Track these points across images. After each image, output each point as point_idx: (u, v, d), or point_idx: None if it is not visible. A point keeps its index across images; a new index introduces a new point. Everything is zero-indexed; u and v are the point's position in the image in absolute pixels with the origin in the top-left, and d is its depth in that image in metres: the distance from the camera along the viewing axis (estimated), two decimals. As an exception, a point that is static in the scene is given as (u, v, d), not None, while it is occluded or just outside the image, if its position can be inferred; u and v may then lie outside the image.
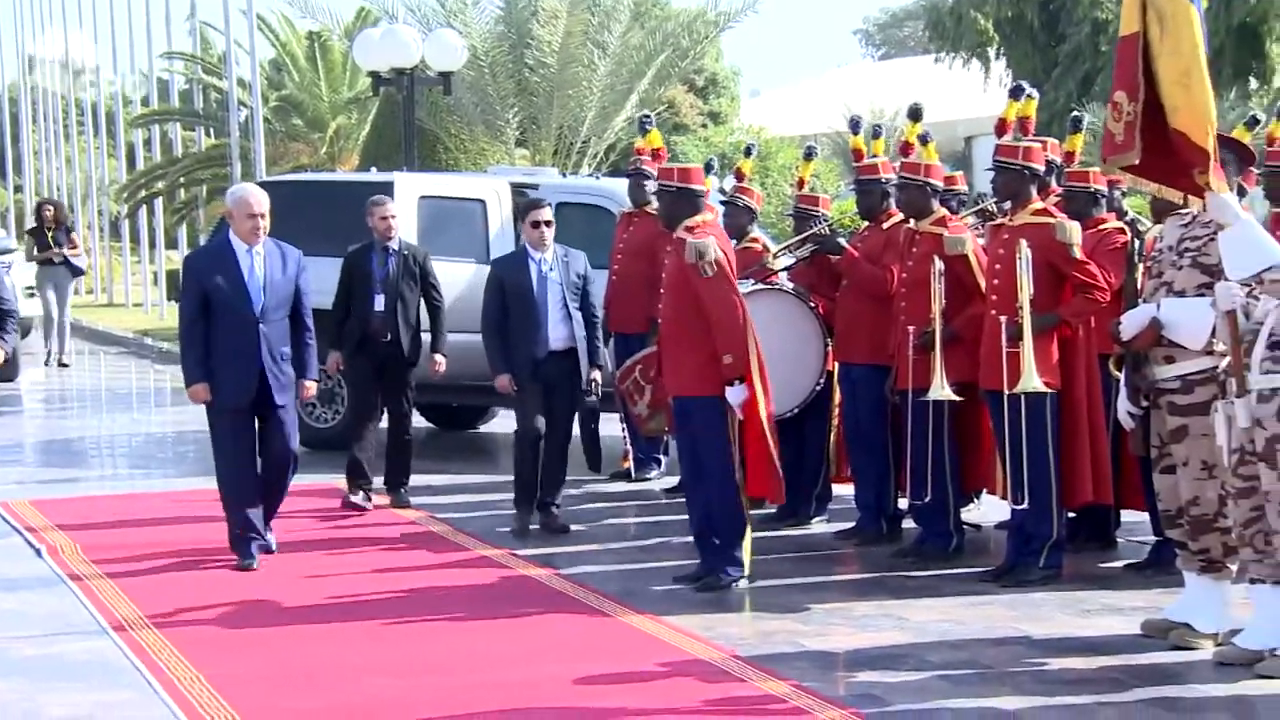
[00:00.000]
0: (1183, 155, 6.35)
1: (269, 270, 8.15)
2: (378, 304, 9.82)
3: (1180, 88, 6.38)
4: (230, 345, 8.06)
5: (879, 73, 45.54)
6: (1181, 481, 6.89)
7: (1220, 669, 6.48)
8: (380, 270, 9.90)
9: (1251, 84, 25.89)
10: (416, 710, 5.91)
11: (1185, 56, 6.38)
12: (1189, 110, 6.37)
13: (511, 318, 9.20)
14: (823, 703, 5.99)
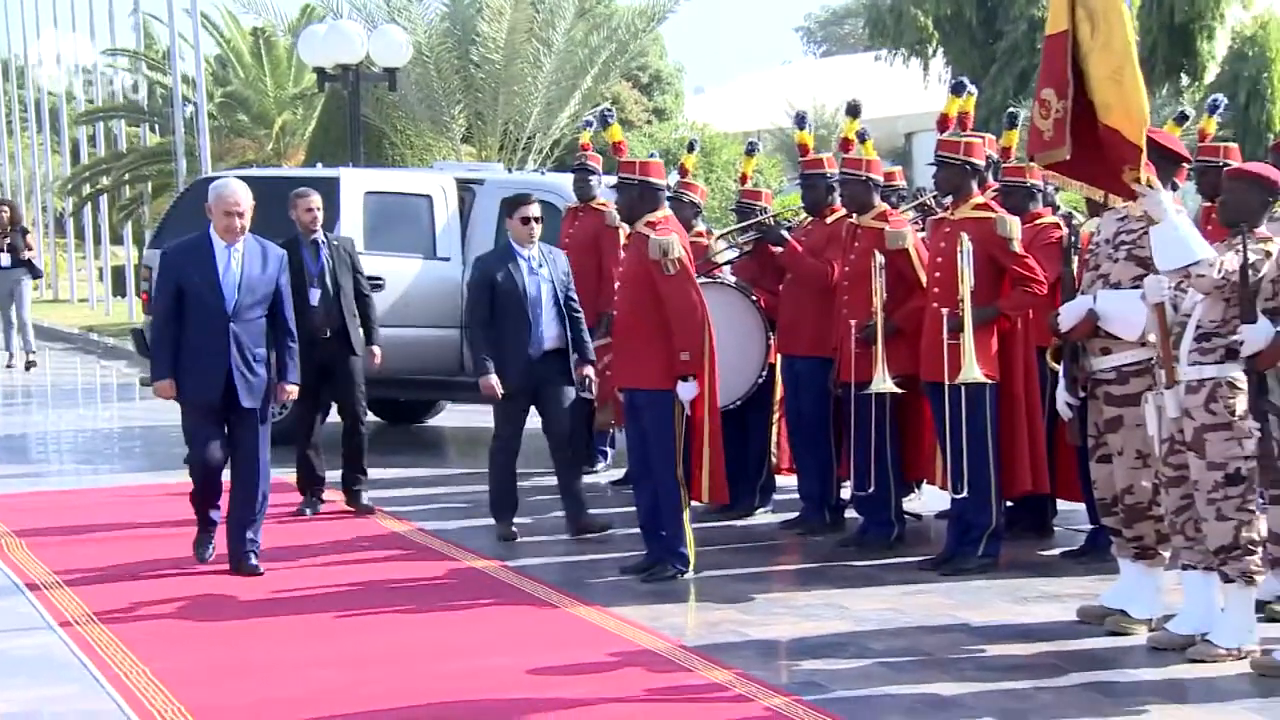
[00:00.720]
0: (1114, 152, 6.39)
1: (247, 268, 7.78)
2: (313, 298, 9.40)
3: (1113, 84, 6.42)
4: (199, 342, 7.72)
5: (821, 69, 45.72)
6: (1117, 471, 6.97)
7: (1153, 654, 6.56)
8: (314, 264, 9.51)
9: (1183, 81, 26.12)
10: (363, 702, 5.90)
11: (1117, 53, 6.43)
12: (1122, 107, 6.42)
13: (501, 318, 8.70)
14: (766, 690, 6.02)
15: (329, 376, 9.54)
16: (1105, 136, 6.42)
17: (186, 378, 7.80)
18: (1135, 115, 6.42)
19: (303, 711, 5.82)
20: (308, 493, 9.65)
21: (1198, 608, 6.64)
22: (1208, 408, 6.36)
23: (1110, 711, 5.80)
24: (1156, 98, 24.67)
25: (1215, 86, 23.48)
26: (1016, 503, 8.55)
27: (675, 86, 39.68)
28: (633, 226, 7.99)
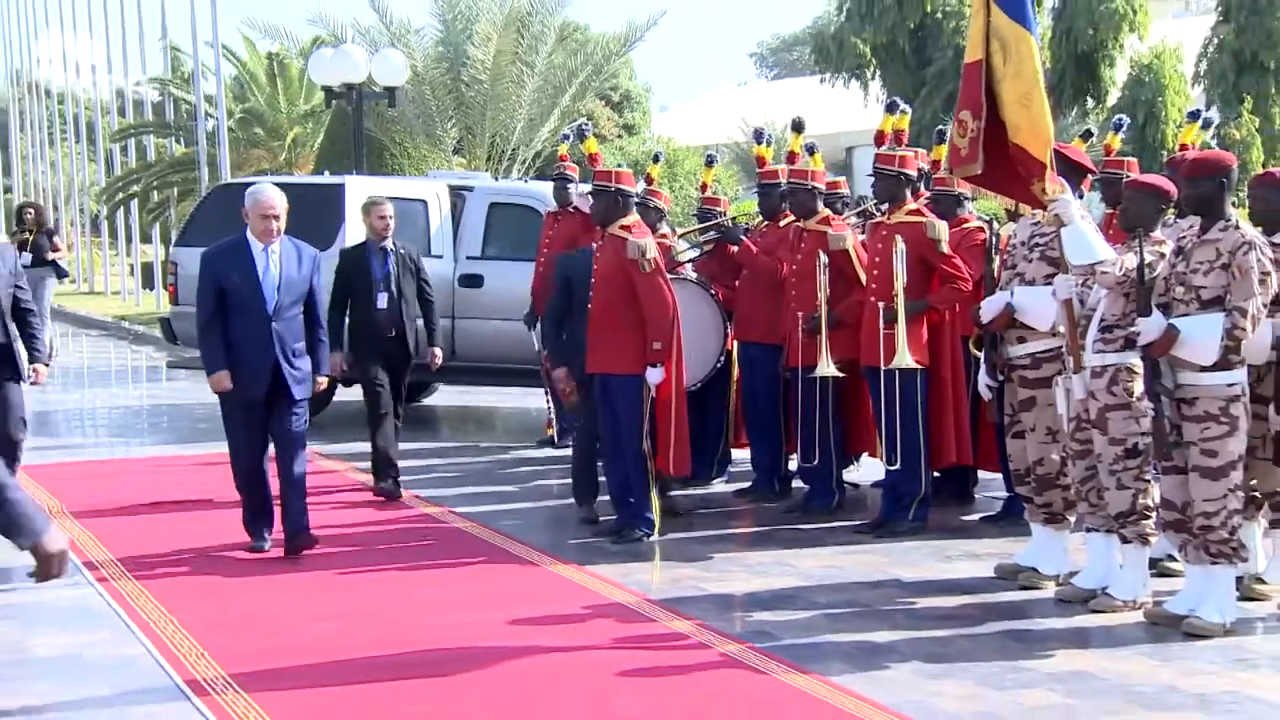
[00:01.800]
0: (1024, 167, 6.42)
1: (284, 268, 7.34)
2: (380, 301, 8.96)
3: (1021, 108, 6.44)
4: (244, 341, 7.28)
5: (772, 91, 45.69)
6: (1029, 445, 7.01)
7: (1060, 605, 6.60)
8: (381, 269, 9.02)
9: (1089, 103, 26.25)
10: (358, 649, 5.89)
11: (1026, 81, 6.45)
12: (1030, 128, 6.44)
13: (577, 314, 8.08)
14: (722, 638, 6.05)
15: (388, 372, 9.06)
16: (1016, 153, 6.44)
17: (235, 375, 7.36)
18: (1042, 135, 6.45)
19: (309, 657, 5.82)
20: (382, 476, 9.04)
21: (1099, 565, 6.69)
22: (1109, 390, 6.41)
23: (1022, 655, 5.82)
24: (1066, 118, 24.83)
25: (1117, 108, 23.64)
26: (943, 473, 8.59)
27: (643, 105, 39.63)
28: (607, 229, 7.98)
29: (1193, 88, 24.70)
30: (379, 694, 5.37)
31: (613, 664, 5.72)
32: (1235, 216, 6.19)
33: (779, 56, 65.41)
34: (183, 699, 5.33)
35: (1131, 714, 5.13)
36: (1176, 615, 6.17)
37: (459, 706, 5.23)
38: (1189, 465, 6.12)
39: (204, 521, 8.40)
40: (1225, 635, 6.04)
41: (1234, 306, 5.98)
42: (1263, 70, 24.09)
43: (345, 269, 9.15)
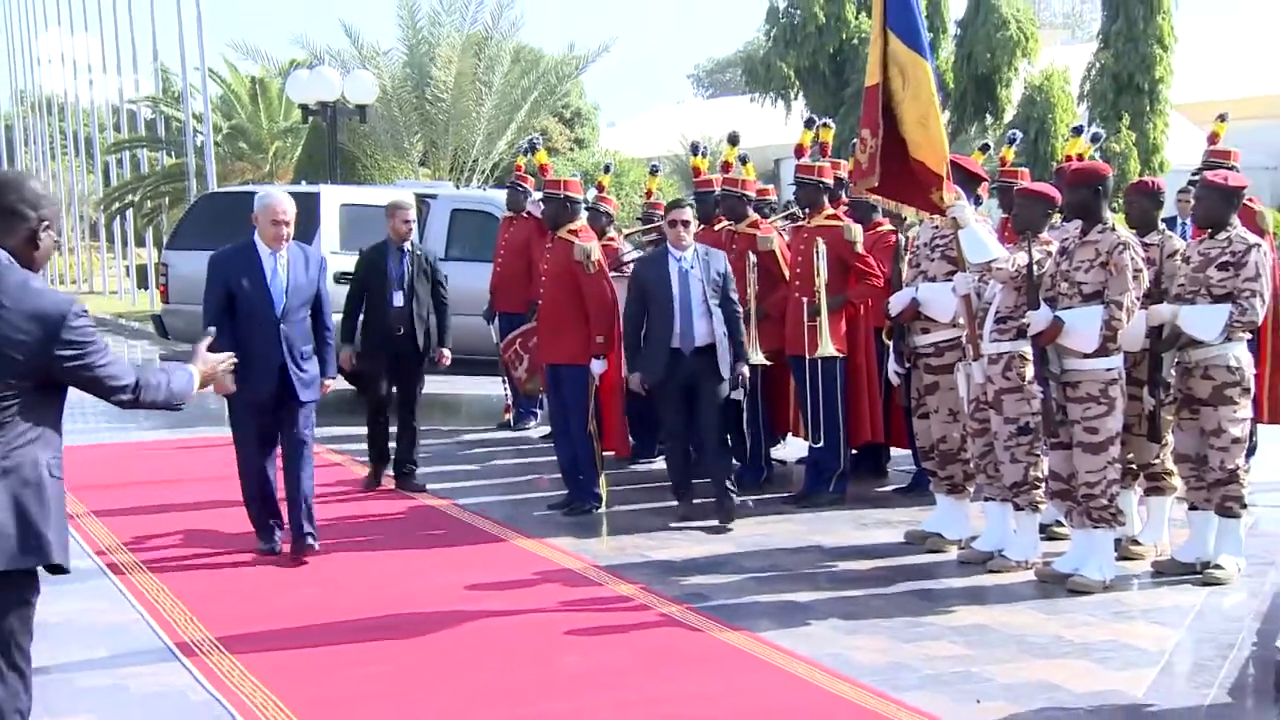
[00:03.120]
0: (923, 178, 6.45)
1: (292, 273, 6.73)
2: (396, 300, 8.35)
3: (920, 127, 6.47)
4: (252, 344, 6.54)
5: (707, 109, 45.57)
6: (933, 424, 7.06)
7: (962, 566, 6.65)
8: (397, 269, 8.38)
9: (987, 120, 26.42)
10: (334, 614, 5.84)
11: (923, 103, 6.48)
12: (928, 145, 6.47)
13: (651, 317, 7.49)
14: (663, 600, 6.05)
15: (398, 369, 8.55)
16: (915, 167, 6.47)
17: (243, 378, 6.63)
18: (938, 151, 6.49)
19: (290, 621, 5.77)
20: (376, 466, 8.68)
21: (996, 530, 6.74)
22: (1004, 375, 6.46)
23: (928, 612, 5.86)
24: (968, 133, 24.99)
25: (1012, 124, 23.80)
26: (859, 450, 8.64)
27: (592, 121, 39.53)
28: (556, 233, 7.95)
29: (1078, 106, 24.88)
30: (352, 653, 5.33)
31: (562, 624, 5.71)
32: (1112, 220, 6.26)
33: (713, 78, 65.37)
34: (173, 660, 5.27)
35: (1023, 661, 5.16)
36: (1063, 574, 6.23)
37: (424, 663, 5.20)
38: (1073, 441, 6.17)
39: (194, 499, 8.30)
40: (1105, 591, 6.11)
41: (1111, 300, 6.03)
42: (1138, 91, 24.33)
43: (363, 267, 8.60)
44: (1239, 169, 7.26)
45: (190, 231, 13.06)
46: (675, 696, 4.81)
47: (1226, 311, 6.12)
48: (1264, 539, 7.03)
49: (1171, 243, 6.70)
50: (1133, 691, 4.83)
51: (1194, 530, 6.47)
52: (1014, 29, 25.99)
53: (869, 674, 5.00)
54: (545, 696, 4.82)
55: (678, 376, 7.41)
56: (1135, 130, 24.19)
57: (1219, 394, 6.20)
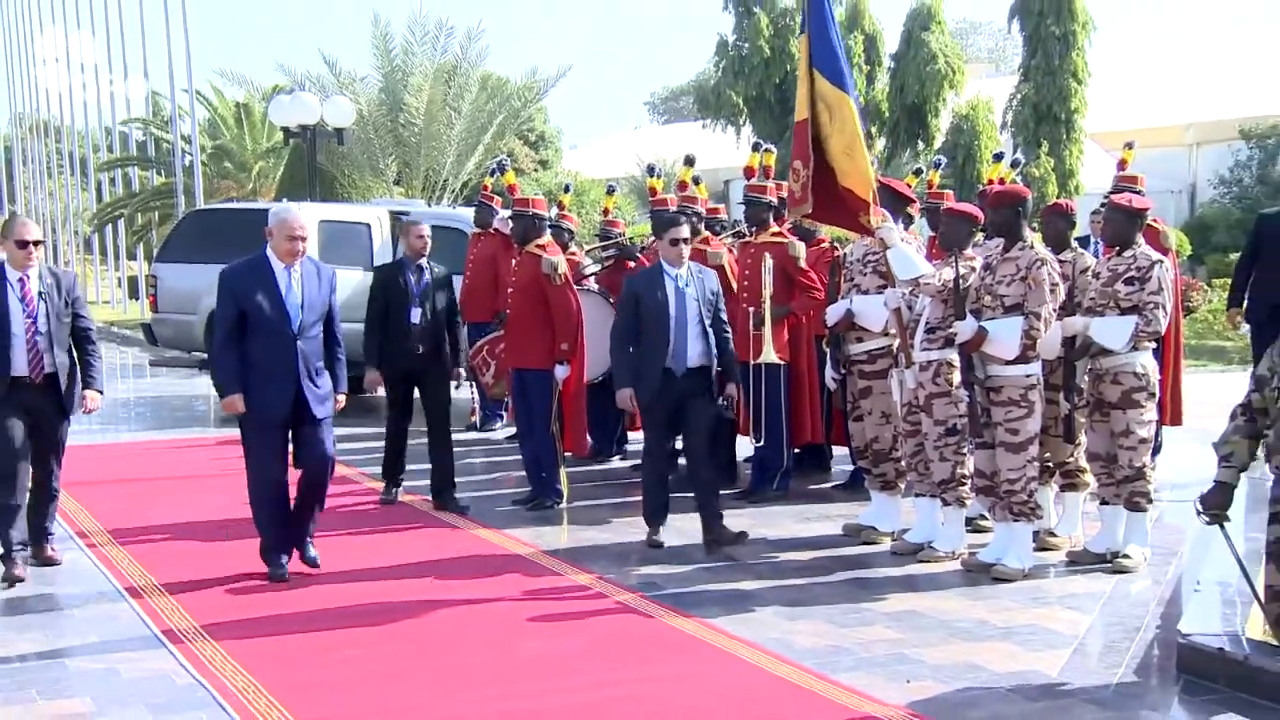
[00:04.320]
0: (851, 204, 6.52)
1: (306, 289, 6.14)
2: (414, 316, 7.73)
3: (846, 157, 6.54)
4: (267, 361, 6.04)
5: (662, 133, 45.61)
6: (867, 426, 7.09)
7: (894, 557, 6.68)
8: (417, 286, 7.76)
9: (919, 145, 26.58)
10: (306, 603, 5.80)
11: (849, 135, 6.55)
12: (854, 173, 6.53)
13: (646, 334, 6.78)
14: (618, 588, 6.04)
15: (421, 388, 7.93)
16: (844, 194, 6.52)
17: (255, 395, 6.08)
18: (864, 178, 6.54)
19: (269, 609, 5.72)
20: (390, 482, 8.13)
21: (925, 524, 6.78)
22: (934, 381, 6.50)
23: (864, 598, 5.88)
24: (901, 158, 25.14)
25: (941, 150, 23.95)
26: (801, 450, 8.66)
27: (555, 144, 39.51)
28: (524, 247, 7.93)
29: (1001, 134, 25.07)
30: (328, 639, 5.29)
31: (525, 611, 5.69)
32: (1031, 238, 6.32)
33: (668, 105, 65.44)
34: (160, 646, 5.21)
35: (950, 644, 5.19)
36: (986, 563, 6.28)
37: (396, 649, 5.16)
38: (996, 441, 6.22)
39: (182, 496, 8.22)
40: (1025, 579, 6.16)
41: (1030, 311, 6.09)
42: (1055, 120, 24.55)
43: (381, 285, 7.90)
44: (1144, 192, 7.35)
45: (178, 246, 12.95)
46: (629, 679, 4.81)
47: (1133, 323, 6.20)
48: (1168, 531, 7.11)
49: (1083, 259, 6.79)
50: (1049, 671, 4.87)
51: (1105, 523, 6.53)
52: (943, 63, 26.19)
53: (809, 657, 5.02)
54: (510, 679, 4.81)
55: (667, 397, 6.74)
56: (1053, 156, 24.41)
57: (1127, 398, 6.27)
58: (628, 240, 9.84)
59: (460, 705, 4.54)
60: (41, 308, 6.16)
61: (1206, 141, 28.90)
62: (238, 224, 12.84)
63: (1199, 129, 28.96)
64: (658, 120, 62.09)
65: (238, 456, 8.91)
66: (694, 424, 6.80)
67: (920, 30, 26.38)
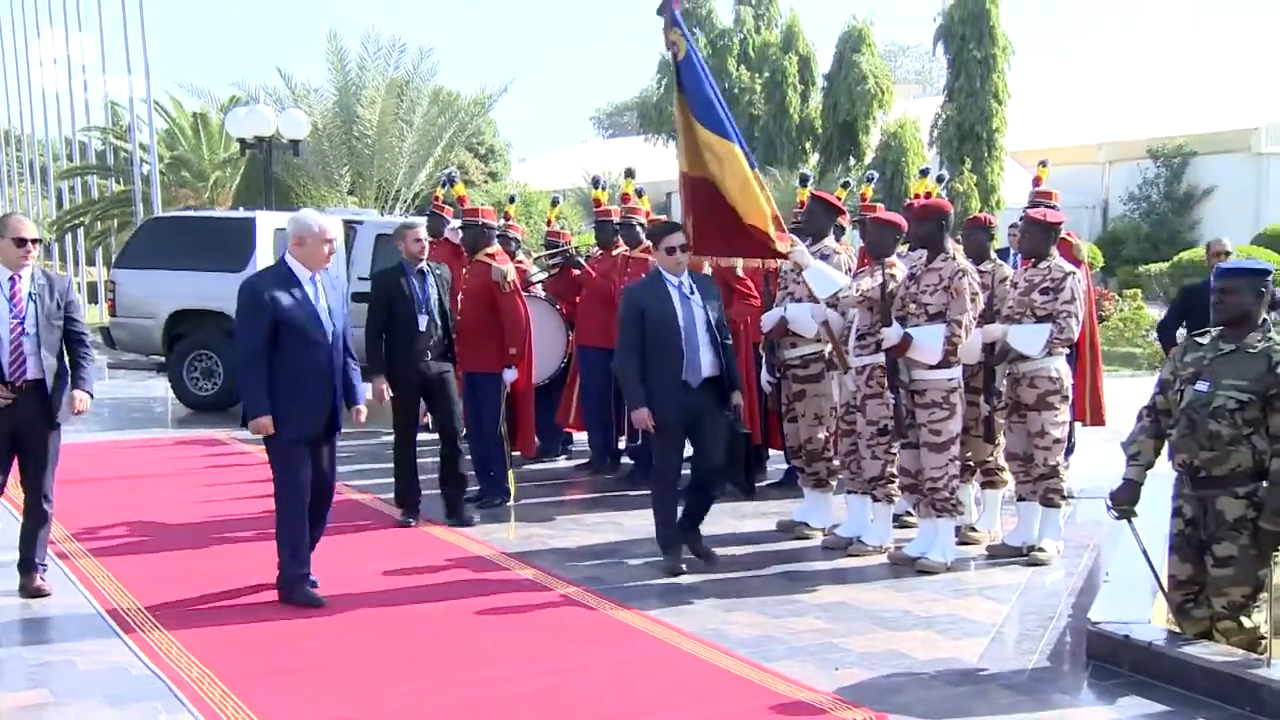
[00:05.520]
0: (758, 236, 6.60)
1: (330, 296, 5.65)
2: (421, 324, 7.18)
3: (743, 195, 6.64)
4: (306, 374, 5.51)
5: (607, 147, 45.65)
6: (801, 427, 7.14)
7: (826, 551, 6.73)
8: (422, 292, 7.22)
9: (851, 161, 26.85)
10: (265, 595, 5.72)
11: (740, 175, 6.65)
12: (752, 209, 6.62)
13: (654, 348, 6.13)
14: (562, 583, 6.04)
15: (430, 397, 7.40)
16: (750, 229, 6.61)
17: (291, 410, 5.50)
18: (762, 211, 6.62)
19: (223, 602, 5.65)
20: (406, 505, 7.42)
21: (855, 520, 6.84)
22: (867, 383, 6.55)
23: (796, 591, 5.92)
24: (833, 172, 25.35)
25: (871, 166, 24.24)
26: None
27: (504, 156, 39.39)
28: (474, 256, 7.91)
29: (927, 151, 25.41)
30: (280, 631, 5.24)
31: (472, 604, 5.67)
32: (953, 250, 6.41)
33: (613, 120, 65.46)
34: (115, 638, 5.14)
35: (877, 633, 5.25)
36: (911, 557, 6.35)
37: (348, 640, 5.13)
38: (920, 441, 6.30)
39: (140, 494, 8.10)
40: (947, 571, 6.24)
41: (952, 319, 6.18)
42: (978, 139, 24.93)
43: (384, 291, 7.30)
44: (1059, 207, 7.48)
45: (136, 252, 12.78)
46: (573, 668, 4.81)
47: (1048, 330, 6.30)
48: (1080, 526, 7.23)
49: (1002, 270, 6.90)
50: (969, 658, 4.95)
51: (1021, 518, 6.62)
52: (872, 83, 26.50)
53: (743, 646, 5.05)
54: (459, 669, 4.80)
55: (683, 413, 6.15)
56: (976, 173, 24.78)
57: (1042, 401, 6.37)
58: (573, 249, 9.84)
59: (411, 694, 4.52)
60: (30, 309, 5.62)
61: (1117, 160, 29.47)
62: (195, 231, 12.73)
63: (1110, 148, 29.52)
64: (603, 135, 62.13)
65: (196, 456, 8.80)
66: (709, 440, 6.22)
67: (851, 52, 26.66)
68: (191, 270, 12.15)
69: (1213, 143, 27.40)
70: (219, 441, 10.14)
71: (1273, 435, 4.44)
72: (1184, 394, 4.62)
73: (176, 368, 12.18)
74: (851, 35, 26.78)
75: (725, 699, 4.48)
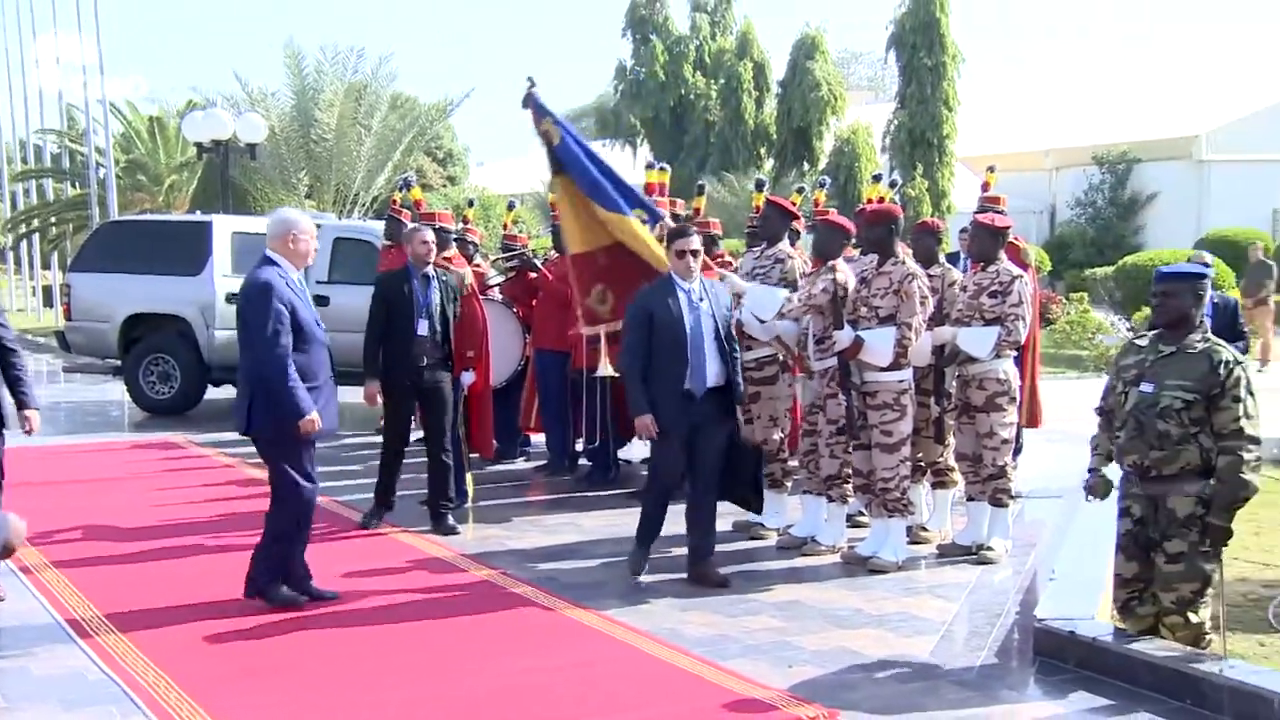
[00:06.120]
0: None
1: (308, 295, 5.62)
2: (421, 328, 7.00)
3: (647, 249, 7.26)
4: (317, 372, 5.44)
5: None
6: (756, 429, 7.14)
7: (780, 550, 6.76)
8: (424, 296, 7.02)
9: (805, 166, 27.00)
10: (221, 598, 5.65)
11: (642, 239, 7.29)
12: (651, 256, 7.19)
13: (657, 354, 5.89)
14: (520, 583, 6.03)
15: (424, 404, 7.16)
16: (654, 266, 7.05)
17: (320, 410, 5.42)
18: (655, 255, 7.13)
19: (176, 604, 5.58)
20: (375, 507, 7.29)
21: (810, 519, 6.87)
22: (827, 385, 6.58)
23: (751, 590, 5.94)
24: (788, 177, 25.47)
25: (825, 171, 24.37)
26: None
27: (463, 161, 39.21)
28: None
29: (880, 156, 25.60)
30: (237, 633, 5.18)
31: (431, 605, 5.65)
32: (903, 254, 6.46)
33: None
34: (70, 642, 5.07)
35: (830, 631, 5.28)
36: (864, 556, 6.39)
37: (305, 642, 5.09)
38: (872, 442, 6.35)
39: (95, 498, 7.98)
40: (898, 570, 6.29)
41: (902, 322, 6.23)
42: (929, 145, 25.16)
43: (386, 294, 7.09)
44: (1006, 212, 7.56)
45: (92, 255, 12.60)
46: (531, 668, 4.80)
47: (996, 333, 6.37)
48: (1028, 525, 7.31)
49: (951, 274, 6.97)
50: (919, 655, 4.99)
51: (970, 518, 6.68)
52: (826, 90, 26.67)
53: (699, 645, 5.06)
54: (417, 670, 4.77)
55: (683, 423, 5.93)
56: (927, 178, 25.00)
57: (991, 402, 6.44)
58: (530, 253, 9.82)
59: (369, 695, 4.49)
60: None
61: (1064, 166, 29.82)
62: (150, 235, 12.59)
63: (1057, 154, 29.88)
64: (561, 139, 61.88)
65: (152, 460, 8.68)
66: (707, 451, 5.98)
67: (805, 59, 26.82)
68: (147, 274, 12.01)
69: (1156, 150, 27.80)
70: (175, 445, 10.02)
71: (1217, 433, 4.52)
72: (1128, 396, 4.69)
73: (132, 371, 12.03)
74: (805, 42, 26.95)
75: (680, 698, 4.49)
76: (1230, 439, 4.49)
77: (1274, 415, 5.14)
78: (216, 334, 11.67)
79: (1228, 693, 4.25)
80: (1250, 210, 25.38)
